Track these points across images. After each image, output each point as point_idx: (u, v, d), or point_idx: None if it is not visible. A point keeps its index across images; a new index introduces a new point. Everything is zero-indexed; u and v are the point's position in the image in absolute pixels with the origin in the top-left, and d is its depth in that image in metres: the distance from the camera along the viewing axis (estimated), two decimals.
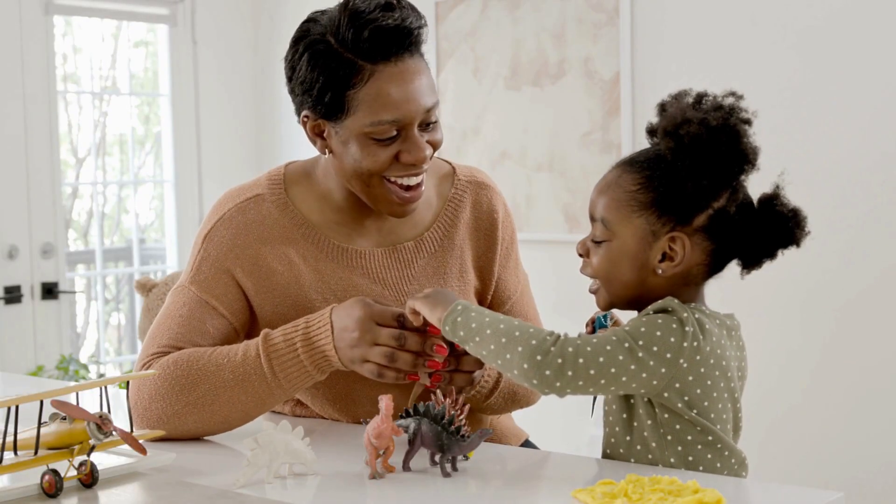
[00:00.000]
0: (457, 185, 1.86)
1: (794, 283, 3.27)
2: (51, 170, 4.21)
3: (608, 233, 1.54)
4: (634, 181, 1.52)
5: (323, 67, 1.63)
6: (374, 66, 1.61)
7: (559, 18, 3.82)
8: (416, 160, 1.66)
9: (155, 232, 5.03)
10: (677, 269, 1.51)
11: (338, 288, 1.76)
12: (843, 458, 3.27)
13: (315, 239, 1.76)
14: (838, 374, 3.29)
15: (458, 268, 1.83)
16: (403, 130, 1.65)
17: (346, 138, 1.66)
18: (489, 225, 1.87)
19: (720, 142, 1.47)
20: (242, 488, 1.43)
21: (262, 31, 4.75)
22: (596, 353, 1.42)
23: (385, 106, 1.62)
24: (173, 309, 1.76)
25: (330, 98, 1.63)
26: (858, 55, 3.22)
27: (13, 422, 1.41)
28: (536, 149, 3.92)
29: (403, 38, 1.62)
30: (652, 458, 1.49)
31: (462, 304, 1.51)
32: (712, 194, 1.49)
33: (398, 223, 1.81)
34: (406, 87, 1.63)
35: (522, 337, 1.44)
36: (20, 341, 4.13)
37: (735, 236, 1.51)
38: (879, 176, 3.19)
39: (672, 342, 1.44)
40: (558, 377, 1.41)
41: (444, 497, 1.40)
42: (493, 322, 1.47)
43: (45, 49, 4.19)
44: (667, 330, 1.44)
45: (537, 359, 1.41)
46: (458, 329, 1.49)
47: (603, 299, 1.58)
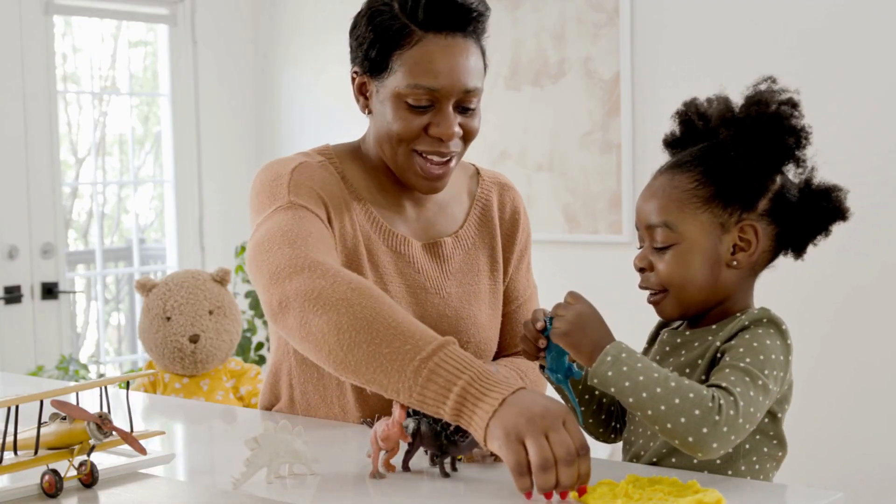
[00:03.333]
0: (482, 185, 1.90)
1: (794, 282, 3.27)
2: (51, 170, 4.21)
3: (674, 235, 1.50)
4: (690, 178, 1.51)
5: (377, 25, 1.68)
6: (424, 33, 1.66)
7: (559, 18, 3.82)
8: (442, 134, 1.67)
9: (155, 232, 5.03)
10: (753, 259, 1.51)
11: (385, 270, 1.76)
12: (843, 458, 3.27)
13: (368, 213, 1.77)
14: (838, 373, 3.29)
15: (488, 265, 1.86)
16: (438, 103, 1.68)
17: (384, 97, 1.70)
18: (511, 225, 1.91)
19: (778, 118, 1.48)
20: (242, 488, 1.43)
21: (262, 31, 4.75)
22: (748, 405, 1.38)
23: (425, 72, 1.65)
24: (289, 222, 1.59)
25: (376, 54, 1.68)
26: (858, 55, 3.22)
27: (13, 422, 1.41)
28: (536, 149, 3.92)
29: (460, 14, 1.67)
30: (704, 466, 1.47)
31: (611, 355, 1.39)
32: (772, 174, 1.50)
33: (434, 216, 1.83)
34: (449, 60, 1.66)
35: (683, 406, 1.35)
36: (20, 341, 4.13)
37: (795, 216, 1.51)
38: (879, 176, 3.19)
39: (782, 360, 1.44)
40: (723, 445, 1.36)
41: (444, 497, 1.40)
42: (648, 382, 1.37)
43: (45, 49, 4.19)
44: (776, 349, 1.44)
45: (703, 432, 1.35)
46: (608, 385, 1.39)
47: (672, 307, 1.53)
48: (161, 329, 3.03)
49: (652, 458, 1.52)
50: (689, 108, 1.58)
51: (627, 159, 3.67)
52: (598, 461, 1.55)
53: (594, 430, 1.64)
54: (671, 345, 1.56)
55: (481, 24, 1.72)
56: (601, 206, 3.74)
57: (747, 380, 1.39)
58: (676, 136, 1.60)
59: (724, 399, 1.36)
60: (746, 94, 1.54)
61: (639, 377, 1.37)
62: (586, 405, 1.62)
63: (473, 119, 1.73)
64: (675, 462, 1.49)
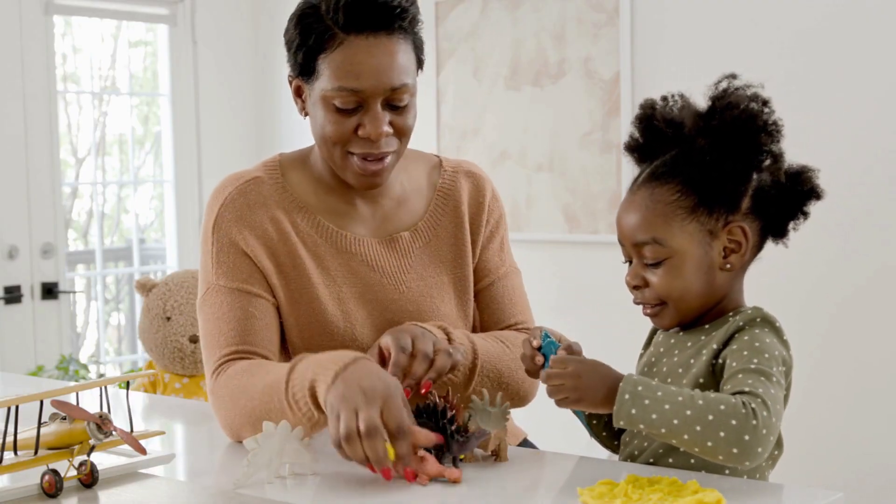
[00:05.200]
0: (444, 175, 1.89)
1: (793, 282, 3.27)
2: (51, 170, 4.21)
3: (665, 250, 1.49)
4: (671, 190, 1.50)
5: (303, 28, 1.69)
6: (346, 35, 1.66)
7: (559, 18, 3.82)
8: (371, 134, 1.67)
9: (155, 232, 5.03)
10: (745, 258, 1.51)
11: (337, 274, 1.77)
12: (843, 458, 3.27)
13: (313, 222, 1.78)
14: (837, 373, 3.29)
15: (451, 256, 1.84)
16: (365, 103, 1.67)
17: (315, 100, 1.71)
18: (476, 209, 1.88)
19: (752, 117, 1.48)
20: (242, 488, 1.43)
21: (262, 31, 4.75)
22: (775, 403, 1.37)
23: (347, 74, 1.65)
24: (214, 312, 1.74)
25: (303, 58, 1.69)
26: (858, 55, 3.22)
27: (13, 422, 1.41)
28: (536, 149, 3.92)
29: (380, 14, 1.66)
30: (701, 465, 1.47)
31: (628, 392, 1.37)
32: (751, 173, 1.49)
33: (391, 211, 1.83)
34: (372, 61, 1.65)
35: (718, 420, 1.33)
36: (20, 341, 4.13)
37: (776, 206, 1.51)
38: (878, 176, 3.19)
39: (785, 356, 1.45)
40: (766, 448, 1.35)
41: (444, 496, 1.40)
42: (676, 408, 1.35)
43: (45, 49, 4.19)
44: (776, 346, 1.45)
45: (745, 440, 1.33)
46: (636, 423, 1.37)
47: (670, 318, 1.52)
48: (161, 329, 3.03)
49: (649, 458, 1.52)
50: (651, 113, 1.56)
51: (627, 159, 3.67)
52: (598, 461, 1.55)
53: (609, 442, 1.63)
54: (665, 346, 1.56)
55: (406, 19, 1.69)
56: (601, 206, 3.74)
57: (763, 379, 1.39)
58: (641, 141, 1.58)
59: (754, 403, 1.35)
60: (710, 94, 1.52)
61: (664, 406, 1.36)
62: (597, 418, 1.61)
63: (406, 116, 1.72)
64: (672, 462, 1.49)
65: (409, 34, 1.70)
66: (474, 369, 1.72)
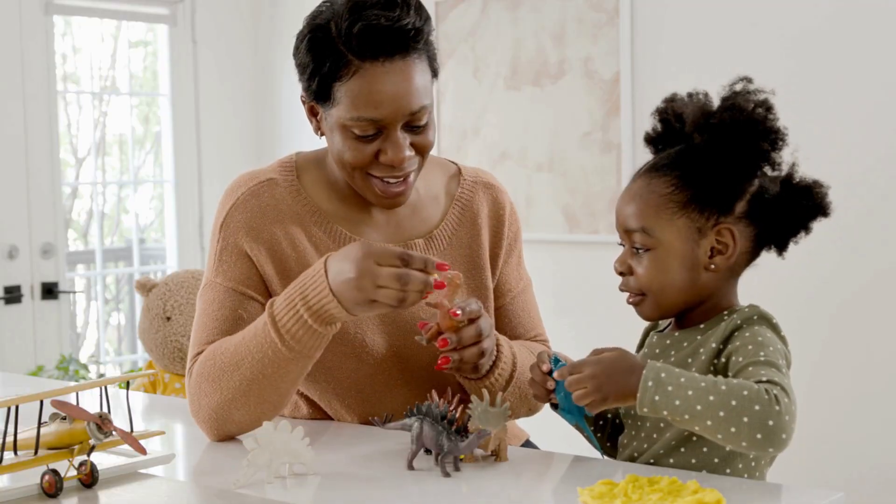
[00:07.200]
0: (463, 185, 1.87)
1: (793, 283, 3.27)
2: (51, 170, 4.21)
3: (651, 240, 1.51)
4: (667, 183, 1.51)
5: (316, 53, 1.64)
6: (361, 62, 1.62)
7: (559, 18, 3.82)
8: (393, 161, 1.66)
9: (155, 232, 5.03)
10: (730, 262, 1.51)
11: None
12: (843, 458, 3.27)
13: (327, 227, 1.77)
14: (837, 373, 3.29)
15: (466, 265, 1.83)
16: (385, 129, 1.65)
17: (332, 126, 1.68)
18: (496, 222, 1.88)
19: (754, 122, 1.48)
20: (242, 488, 1.43)
21: (262, 31, 4.75)
22: (791, 392, 1.37)
23: (366, 104, 1.62)
24: (206, 307, 1.75)
25: (318, 85, 1.65)
26: (858, 55, 3.22)
27: (13, 422, 1.41)
28: (536, 149, 3.92)
29: (395, 39, 1.61)
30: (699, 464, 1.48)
31: (651, 380, 1.37)
32: (749, 177, 1.50)
33: (406, 218, 1.82)
34: (390, 88, 1.62)
35: (742, 405, 1.33)
36: (20, 341, 4.13)
37: (775, 216, 1.51)
38: (878, 176, 3.19)
39: (785, 352, 1.46)
40: (790, 434, 1.35)
41: (444, 497, 1.40)
42: (699, 393, 1.35)
43: (45, 49, 4.19)
44: (776, 340, 1.45)
45: (770, 425, 1.32)
46: (659, 409, 1.37)
47: (650, 310, 1.54)
48: (161, 329, 3.03)
49: (649, 459, 1.52)
50: (668, 106, 1.57)
51: (627, 159, 3.67)
52: (597, 461, 1.56)
53: (612, 452, 1.63)
54: (660, 347, 1.56)
55: (421, 38, 1.65)
56: (601, 206, 3.74)
57: (774, 370, 1.40)
58: (657, 132, 1.59)
59: (775, 389, 1.35)
60: (722, 94, 1.53)
61: (687, 392, 1.35)
62: (602, 432, 1.62)
63: (426, 134, 1.70)
64: (672, 463, 1.49)
65: (423, 51, 1.67)
66: (511, 380, 1.72)
